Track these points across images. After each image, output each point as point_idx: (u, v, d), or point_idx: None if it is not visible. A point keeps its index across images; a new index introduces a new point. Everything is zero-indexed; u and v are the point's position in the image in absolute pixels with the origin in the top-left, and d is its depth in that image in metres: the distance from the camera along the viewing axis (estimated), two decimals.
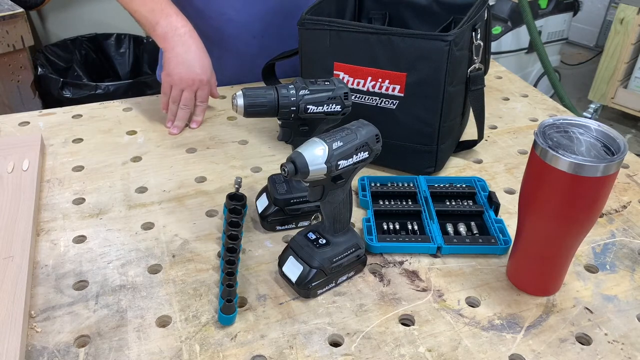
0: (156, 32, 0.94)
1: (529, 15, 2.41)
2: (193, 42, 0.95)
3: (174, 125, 0.98)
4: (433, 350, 0.60)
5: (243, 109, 0.68)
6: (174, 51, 0.94)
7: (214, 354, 0.59)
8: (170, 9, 0.95)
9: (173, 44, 0.94)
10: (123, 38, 2.58)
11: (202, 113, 1.00)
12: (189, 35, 0.94)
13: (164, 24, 0.93)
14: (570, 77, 3.33)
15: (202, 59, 0.96)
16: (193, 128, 0.99)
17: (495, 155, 0.94)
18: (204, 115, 1.01)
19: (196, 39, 0.95)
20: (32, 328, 0.61)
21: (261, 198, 0.77)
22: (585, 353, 0.60)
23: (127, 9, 0.97)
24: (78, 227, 0.76)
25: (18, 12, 1.92)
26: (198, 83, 0.96)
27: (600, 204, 0.58)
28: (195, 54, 0.95)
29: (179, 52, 0.94)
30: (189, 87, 0.96)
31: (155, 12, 0.94)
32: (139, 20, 0.96)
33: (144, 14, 0.95)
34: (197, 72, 0.95)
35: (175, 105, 0.97)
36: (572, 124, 0.60)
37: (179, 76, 0.95)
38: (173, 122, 0.98)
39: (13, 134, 0.96)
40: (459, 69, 0.81)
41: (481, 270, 0.70)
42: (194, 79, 0.95)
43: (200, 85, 0.97)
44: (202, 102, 0.99)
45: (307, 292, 0.65)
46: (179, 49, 0.94)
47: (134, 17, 0.96)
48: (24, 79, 2.04)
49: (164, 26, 0.94)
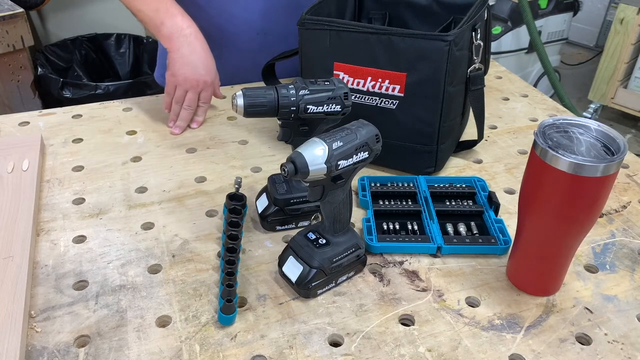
0: (161, 33, 0.94)
1: (529, 15, 2.41)
2: (198, 43, 0.95)
3: (176, 125, 0.98)
4: (433, 350, 0.60)
5: (243, 109, 0.68)
6: (180, 52, 0.94)
7: (214, 354, 0.59)
8: (175, 9, 0.95)
9: (179, 44, 0.94)
10: (123, 38, 2.58)
11: (204, 114, 1.00)
12: (194, 36, 0.94)
13: (170, 24, 0.93)
14: (570, 77, 3.33)
15: (207, 60, 0.96)
16: (193, 128, 0.99)
17: (495, 155, 0.94)
18: (205, 116, 1.01)
19: (201, 40, 0.95)
20: (32, 328, 0.61)
21: (261, 198, 0.77)
22: (585, 353, 0.60)
23: (129, 8, 0.96)
24: (78, 227, 0.76)
25: (18, 12, 1.92)
26: (202, 84, 0.96)
27: (600, 204, 0.58)
28: (201, 55, 0.95)
29: (184, 52, 0.94)
30: (193, 88, 0.96)
31: (160, 12, 0.94)
32: (142, 19, 0.96)
33: (148, 13, 0.94)
34: (201, 73, 0.95)
35: (178, 106, 0.97)
36: (572, 124, 0.60)
37: (183, 77, 0.95)
38: (175, 121, 0.98)
39: (13, 134, 0.96)
40: (459, 69, 0.81)
41: (481, 270, 0.70)
42: (199, 80, 0.96)
43: (204, 87, 0.97)
44: (204, 103, 0.99)
45: (307, 292, 0.65)
46: (184, 50, 0.94)
47: (137, 16, 0.96)
48: (24, 79, 2.04)
49: (169, 26, 0.93)
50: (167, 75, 0.97)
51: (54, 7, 2.46)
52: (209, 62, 0.96)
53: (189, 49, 0.94)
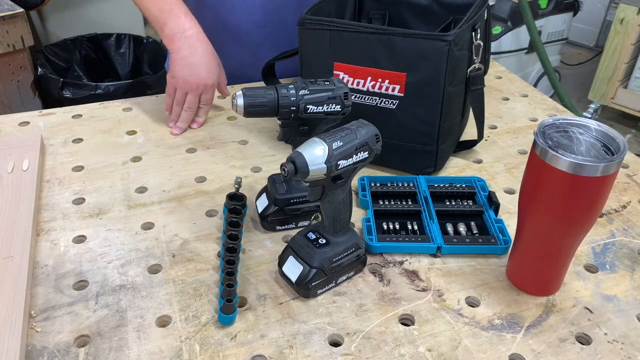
0: (164, 33, 0.94)
1: (529, 15, 2.41)
2: (200, 44, 0.94)
3: (176, 126, 0.98)
4: (433, 350, 0.60)
5: (243, 109, 0.68)
6: (180, 53, 0.93)
7: (214, 354, 0.59)
8: (180, 10, 0.94)
9: (179, 45, 0.93)
10: (123, 38, 2.58)
11: (205, 115, 1.00)
12: (196, 37, 0.94)
13: (172, 24, 0.93)
14: (570, 77, 3.33)
15: (209, 62, 0.95)
16: (194, 128, 0.99)
17: (495, 155, 0.94)
18: (206, 117, 1.01)
19: (204, 41, 0.95)
20: (32, 328, 0.61)
21: (261, 198, 0.77)
22: (585, 353, 0.60)
23: (139, 7, 0.96)
24: (78, 227, 0.76)
25: (18, 12, 1.92)
26: (202, 87, 0.96)
27: (600, 203, 0.58)
28: (202, 57, 0.94)
29: (184, 54, 0.93)
30: (193, 90, 0.96)
31: (164, 12, 0.93)
32: (149, 19, 0.96)
33: (153, 12, 0.94)
34: (202, 75, 0.95)
35: (179, 107, 0.97)
36: (572, 124, 0.60)
37: (183, 79, 0.95)
38: (176, 122, 0.98)
39: (13, 134, 0.96)
40: (459, 69, 0.81)
41: (481, 270, 0.70)
42: (199, 83, 0.95)
43: (205, 89, 0.96)
44: (205, 105, 0.99)
45: (307, 292, 0.65)
46: (184, 52, 0.93)
47: (145, 15, 0.96)
48: (24, 79, 2.04)
49: (171, 27, 0.93)
50: (167, 76, 0.97)
51: (54, 7, 2.46)
52: (211, 64, 0.95)
53: (189, 50, 0.93)
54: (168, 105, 0.99)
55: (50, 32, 2.53)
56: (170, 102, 0.98)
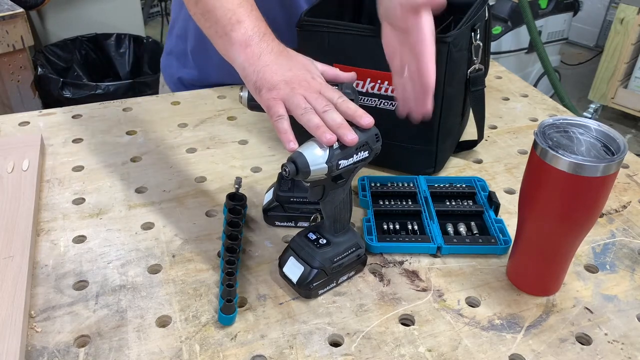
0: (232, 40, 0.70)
1: (529, 15, 2.41)
2: (275, 44, 0.71)
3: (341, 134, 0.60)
4: (433, 350, 0.60)
5: (247, 102, 0.70)
6: (263, 59, 0.68)
7: (214, 354, 0.59)
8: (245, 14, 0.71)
9: (259, 51, 0.69)
10: (123, 38, 2.58)
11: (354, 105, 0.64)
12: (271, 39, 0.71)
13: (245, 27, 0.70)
14: (570, 77, 3.33)
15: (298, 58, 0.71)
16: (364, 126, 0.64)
17: (495, 155, 0.94)
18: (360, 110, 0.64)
19: (277, 42, 0.72)
20: (32, 328, 0.61)
21: (269, 192, 0.78)
22: (585, 353, 0.60)
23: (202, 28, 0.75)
24: (78, 227, 0.76)
25: (18, 12, 1.91)
26: (314, 83, 0.67)
27: (600, 204, 0.58)
28: (287, 49, 0.72)
29: (271, 58, 0.69)
30: (305, 89, 0.65)
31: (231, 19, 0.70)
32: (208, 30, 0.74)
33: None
34: (307, 62, 0.70)
35: (315, 116, 0.62)
36: (572, 124, 0.60)
37: (297, 80, 0.66)
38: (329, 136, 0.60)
39: (13, 134, 0.96)
40: (458, 69, 0.81)
41: (481, 270, 0.70)
42: (314, 72, 0.69)
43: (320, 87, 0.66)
44: (340, 98, 0.65)
45: (308, 292, 0.65)
46: (269, 55, 0.69)
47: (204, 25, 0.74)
48: (24, 79, 2.04)
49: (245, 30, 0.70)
50: (264, 93, 0.66)
51: (54, 7, 2.46)
52: (301, 60, 0.71)
53: (269, 49, 0.69)
54: (284, 130, 0.62)
55: (50, 32, 2.53)
56: (287, 126, 0.62)
